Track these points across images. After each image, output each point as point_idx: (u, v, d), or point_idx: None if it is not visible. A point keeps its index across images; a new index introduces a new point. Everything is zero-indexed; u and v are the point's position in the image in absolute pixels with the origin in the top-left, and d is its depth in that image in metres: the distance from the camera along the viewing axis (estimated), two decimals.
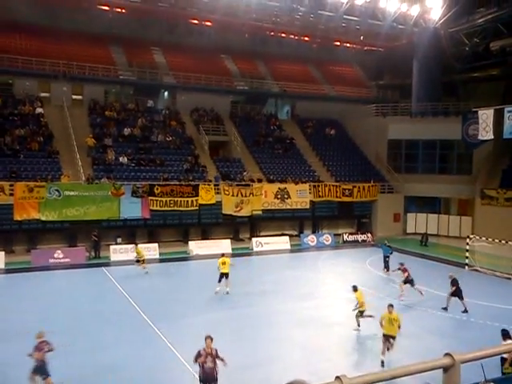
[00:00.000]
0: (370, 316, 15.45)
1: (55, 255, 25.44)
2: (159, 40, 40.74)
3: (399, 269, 19.87)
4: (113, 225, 28.34)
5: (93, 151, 31.48)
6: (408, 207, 37.42)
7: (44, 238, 27.22)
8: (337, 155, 39.70)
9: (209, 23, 40.49)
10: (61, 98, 34.75)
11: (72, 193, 26.81)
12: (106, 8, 37.90)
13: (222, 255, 20.69)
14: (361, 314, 15.74)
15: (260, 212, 31.45)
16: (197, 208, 29.81)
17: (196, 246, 28.67)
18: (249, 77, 43.13)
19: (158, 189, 28.94)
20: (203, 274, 23.79)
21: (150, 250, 27.08)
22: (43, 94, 35.51)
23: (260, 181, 33.36)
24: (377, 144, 39.77)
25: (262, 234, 32.24)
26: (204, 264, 26.25)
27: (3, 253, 24.82)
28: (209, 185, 30.84)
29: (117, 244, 27.69)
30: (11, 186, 25.90)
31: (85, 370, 12.42)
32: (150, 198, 28.50)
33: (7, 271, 23.99)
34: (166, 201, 28.98)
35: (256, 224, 32.46)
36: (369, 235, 33.62)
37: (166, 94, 41.57)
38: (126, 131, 33.97)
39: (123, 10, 38.32)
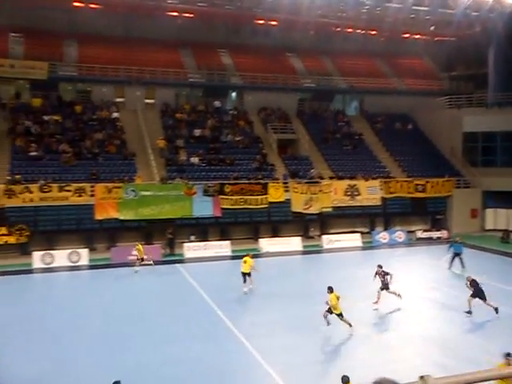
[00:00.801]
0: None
1: (133, 252, 26.58)
2: (226, 42, 41.47)
3: (377, 273, 18.11)
4: (186, 223, 29.20)
5: (165, 152, 32.61)
6: (486, 202, 35.57)
7: (123, 235, 28.55)
8: (408, 150, 38.50)
9: (274, 22, 40.67)
10: (134, 102, 36.39)
11: (147, 193, 27.97)
12: (175, 14, 39.10)
13: (246, 255, 20.45)
14: (339, 316, 14.87)
15: (330, 209, 31.20)
16: (266, 206, 30.09)
17: (266, 244, 28.92)
18: (315, 74, 42.87)
19: (228, 188, 29.51)
20: (274, 270, 23.98)
21: (222, 247, 27.69)
22: (118, 100, 37.30)
23: (330, 178, 33.09)
24: (451, 137, 38.21)
25: (332, 231, 31.94)
26: (275, 261, 26.48)
27: (87, 250, 26.36)
28: (278, 183, 31.03)
29: (190, 241, 28.50)
30: (92, 187, 27.42)
31: (159, 362, 12.88)
32: (220, 196, 29.13)
33: (90, 267, 25.45)
34: (236, 199, 29.50)
35: (326, 221, 32.22)
36: (444, 232, 32.37)
37: (233, 94, 42.25)
38: (197, 132, 34.90)
39: (191, 15, 39.38)
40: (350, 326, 14.93)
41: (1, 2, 33.43)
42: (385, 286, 17.72)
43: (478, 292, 16.51)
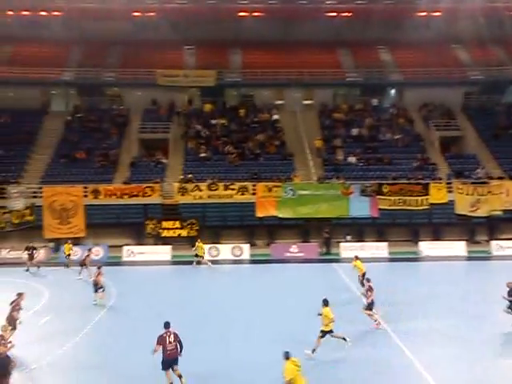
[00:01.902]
0: None
1: (291, 249, 27.56)
2: (385, 38, 40.35)
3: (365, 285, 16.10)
4: (342, 222, 29.27)
5: (323, 152, 33.05)
6: None
7: (281, 233, 29.74)
8: None
9: (437, 13, 38.51)
10: (293, 104, 37.57)
11: (305, 192, 28.71)
12: (333, 14, 39.33)
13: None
14: (323, 334, 13.10)
15: (500, 212, 28.57)
16: (427, 207, 28.73)
17: (426, 247, 27.60)
18: (484, 65, 39.46)
19: (386, 188, 28.84)
20: (435, 276, 22.80)
21: (379, 249, 27.17)
22: (278, 102, 38.85)
23: (500, 178, 30.27)
24: None
25: (503, 236, 29.16)
26: (435, 266, 25.15)
27: (248, 245, 28.04)
28: (440, 183, 29.37)
29: (346, 241, 28.51)
30: (254, 186, 29.06)
31: (329, 361, 13.13)
32: (378, 197, 28.60)
33: (251, 262, 27.00)
34: (394, 200, 28.69)
35: (495, 225, 29.54)
36: None
37: (392, 91, 40.99)
38: (354, 131, 34.71)
39: (349, 14, 39.25)
40: (345, 340, 13.58)
41: (177, 20, 37.17)
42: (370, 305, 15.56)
43: None
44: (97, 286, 18.14)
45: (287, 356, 9.94)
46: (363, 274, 18.61)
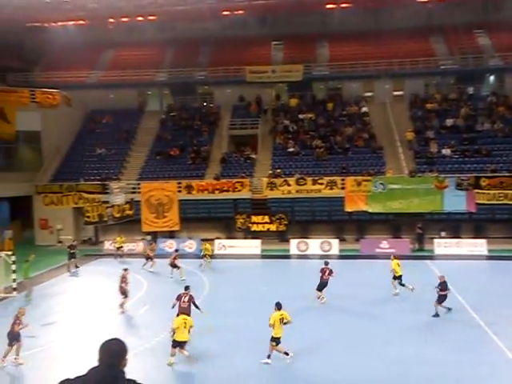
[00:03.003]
0: None
1: (381, 245, 26.96)
2: (483, 21, 37.93)
3: None
4: (436, 218, 28.14)
5: (414, 145, 31.89)
6: None
7: (371, 228, 29.22)
8: None
9: None
10: (383, 95, 36.54)
11: (396, 186, 27.89)
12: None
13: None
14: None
15: None
16: None
17: None
18: None
19: (484, 181, 27.22)
20: None
21: (477, 246, 25.77)
22: (367, 94, 38.00)
23: None
24: None
25: None
26: None
27: (337, 240, 27.86)
28: None
29: (441, 238, 27.37)
30: (342, 180, 28.75)
31: (415, 361, 12.83)
32: (475, 190, 27.07)
33: (340, 257, 26.79)
34: (494, 194, 26.99)
35: None
36: None
37: (491, 78, 38.47)
38: (449, 122, 33.07)
39: None
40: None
41: (264, 16, 37.63)
42: None
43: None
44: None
45: (279, 307, 12.51)
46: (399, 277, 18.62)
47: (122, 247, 27.24)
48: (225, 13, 37.42)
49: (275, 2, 35.77)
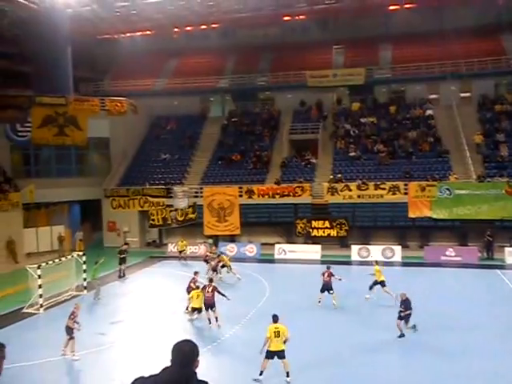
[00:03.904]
0: None
1: (447, 253, 26.05)
2: None
3: None
4: (507, 225, 26.77)
5: (483, 148, 30.58)
6: None
7: (435, 235, 28.28)
8: None
9: None
10: (449, 97, 35.27)
11: (463, 191, 26.89)
12: None
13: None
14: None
15: None
16: None
17: None
18: None
19: None
20: None
21: None
22: (432, 96, 36.85)
23: None
24: None
25: None
26: None
27: (400, 247, 27.18)
28: None
29: None
30: (405, 185, 28.05)
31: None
32: None
33: (403, 264, 26.13)
34: None
35: None
36: None
37: None
38: None
39: None
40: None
41: (325, 20, 37.51)
42: None
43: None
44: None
45: (275, 320, 12.05)
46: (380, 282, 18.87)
47: (184, 250, 27.97)
48: (286, 18, 37.59)
49: (337, 6, 35.45)
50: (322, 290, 18.50)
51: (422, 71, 35.65)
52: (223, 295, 15.98)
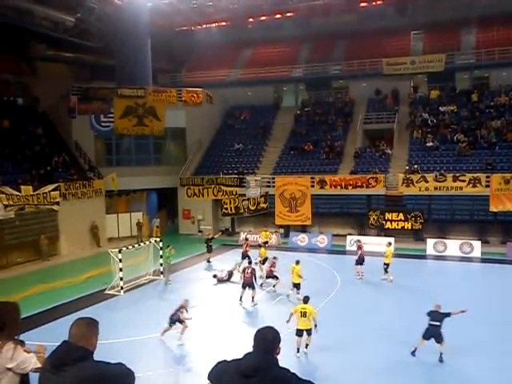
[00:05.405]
0: None
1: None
2: None
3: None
4: None
5: None
6: None
7: None
8: None
9: None
10: None
11: None
12: None
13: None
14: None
15: None
16: None
17: None
18: None
19: None
20: None
21: None
22: None
23: None
24: None
25: None
26: None
27: (479, 242, 25.94)
28: None
29: None
30: (487, 177, 26.64)
31: None
32: None
33: (482, 260, 24.93)
34: None
35: None
36: None
37: None
38: None
39: None
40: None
41: (403, 5, 36.13)
42: None
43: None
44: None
45: (305, 301, 13.30)
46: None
47: (267, 242, 27.20)
48: (362, 4, 36.65)
49: None
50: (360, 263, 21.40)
51: (510, 55, 33.45)
52: (255, 280, 18.11)
